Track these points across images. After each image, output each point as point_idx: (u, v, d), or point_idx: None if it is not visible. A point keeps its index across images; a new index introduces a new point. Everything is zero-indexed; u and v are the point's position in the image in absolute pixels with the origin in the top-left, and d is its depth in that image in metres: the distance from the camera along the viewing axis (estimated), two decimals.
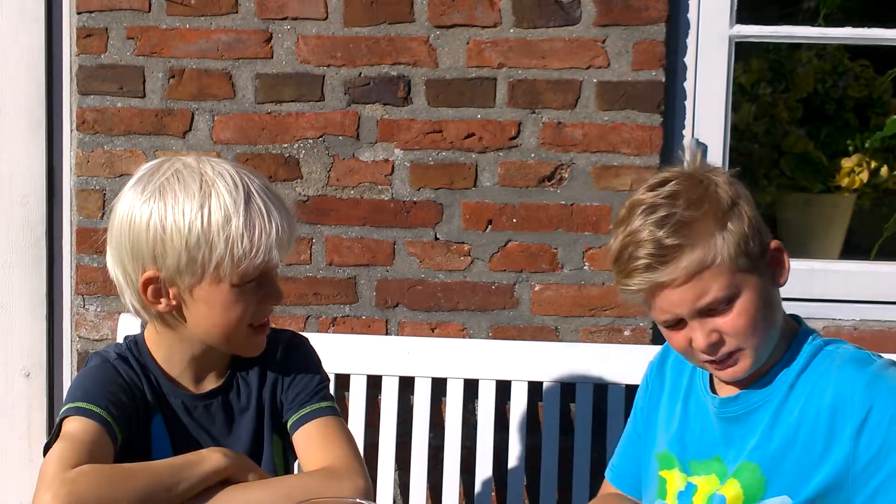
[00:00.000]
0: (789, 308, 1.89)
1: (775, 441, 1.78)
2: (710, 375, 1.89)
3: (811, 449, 1.75)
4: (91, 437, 1.77)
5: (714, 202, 1.73)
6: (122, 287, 1.88)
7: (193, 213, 1.78)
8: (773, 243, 1.78)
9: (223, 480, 1.79)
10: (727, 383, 1.86)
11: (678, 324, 1.77)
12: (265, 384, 1.95)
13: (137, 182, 1.85)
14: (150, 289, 1.83)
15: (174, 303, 1.84)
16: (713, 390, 1.89)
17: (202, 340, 1.89)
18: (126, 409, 1.85)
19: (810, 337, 1.83)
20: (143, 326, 1.99)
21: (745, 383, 1.83)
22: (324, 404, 1.94)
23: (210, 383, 1.94)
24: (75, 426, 1.78)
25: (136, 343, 1.94)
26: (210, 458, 1.79)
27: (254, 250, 1.79)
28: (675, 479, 1.91)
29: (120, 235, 1.84)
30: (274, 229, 1.80)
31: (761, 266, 1.75)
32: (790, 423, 1.78)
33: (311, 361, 2.00)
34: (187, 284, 1.81)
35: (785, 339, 1.82)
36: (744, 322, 1.73)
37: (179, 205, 1.79)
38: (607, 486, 2.08)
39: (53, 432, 1.81)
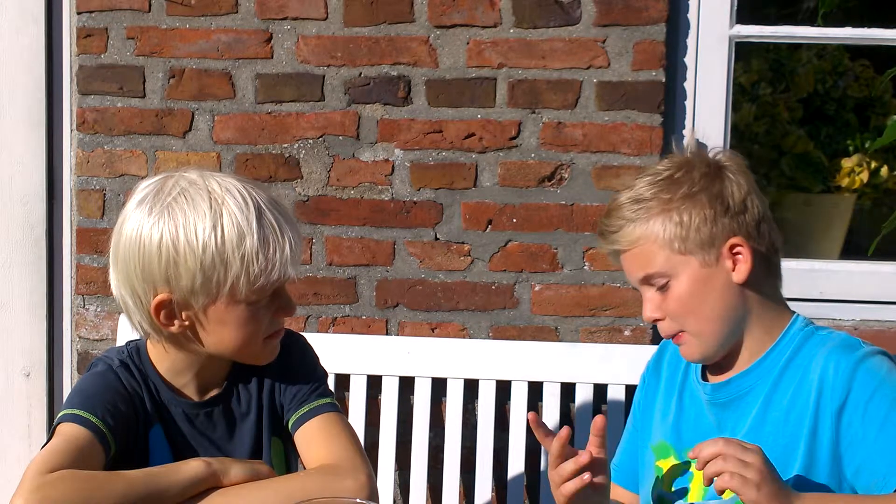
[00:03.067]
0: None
1: (768, 425, 1.82)
2: (703, 365, 1.94)
3: (800, 430, 1.80)
4: (80, 445, 1.76)
5: (672, 187, 1.84)
6: (131, 309, 1.84)
7: (207, 232, 1.75)
8: (730, 241, 1.82)
9: (213, 488, 1.78)
10: (713, 371, 1.91)
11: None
12: (263, 387, 1.95)
13: (142, 202, 1.80)
14: (162, 312, 1.80)
15: (187, 323, 1.82)
16: (706, 378, 1.93)
17: (213, 355, 1.88)
18: (124, 419, 1.84)
19: (802, 324, 1.87)
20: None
21: (735, 369, 1.88)
22: (323, 401, 1.93)
23: (211, 390, 1.93)
24: (67, 432, 1.77)
25: (137, 350, 1.93)
26: (188, 467, 1.78)
27: (269, 267, 1.77)
28: (669, 466, 1.94)
29: (128, 258, 1.80)
30: (287, 245, 1.79)
31: (708, 257, 1.82)
32: (782, 406, 1.82)
33: (307, 359, 1.99)
34: (201, 305, 1.79)
35: (777, 327, 1.87)
36: (675, 306, 1.85)
37: (191, 225, 1.76)
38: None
39: (48, 436, 1.81)
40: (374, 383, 2.80)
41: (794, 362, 1.83)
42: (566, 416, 2.78)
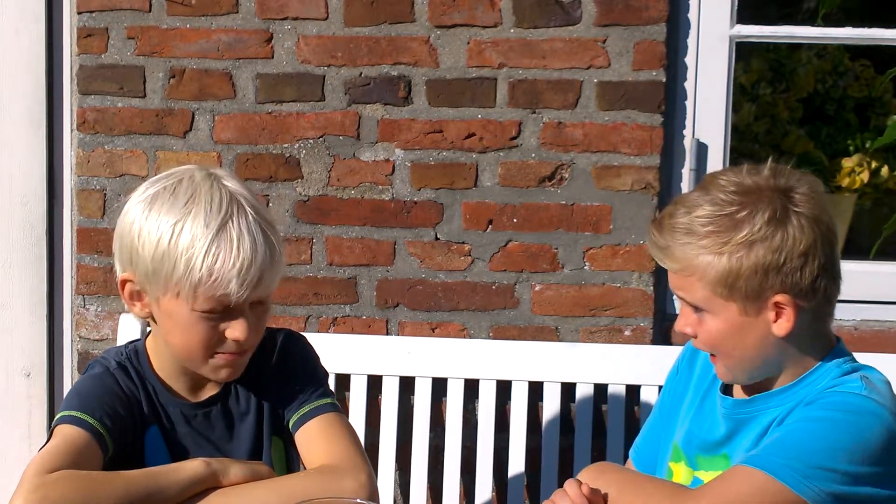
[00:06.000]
0: None
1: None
2: None
3: None
4: (78, 446, 1.76)
5: (730, 229, 1.74)
6: (118, 282, 1.89)
7: (166, 228, 1.77)
8: (776, 297, 1.74)
9: (213, 488, 1.78)
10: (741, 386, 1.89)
11: None
12: (263, 387, 1.95)
13: (149, 183, 1.85)
14: (126, 289, 1.85)
15: (147, 309, 1.85)
16: (729, 391, 1.90)
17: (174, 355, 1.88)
18: (121, 420, 1.84)
19: (839, 362, 1.81)
20: (144, 333, 1.99)
21: (763, 389, 1.84)
22: (324, 401, 1.93)
23: (209, 391, 1.93)
24: (65, 433, 1.78)
25: (136, 352, 1.94)
26: (188, 467, 1.78)
27: (211, 279, 1.75)
28: (681, 473, 1.93)
29: (117, 230, 1.86)
30: (239, 263, 1.75)
31: (749, 306, 1.75)
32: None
33: (308, 359, 1.99)
34: (155, 294, 1.82)
35: (815, 358, 1.81)
36: (706, 338, 1.80)
37: (160, 216, 1.78)
38: (629, 465, 2.09)
39: (47, 438, 1.81)
40: (375, 383, 2.80)
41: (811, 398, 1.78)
42: (566, 416, 2.78)
